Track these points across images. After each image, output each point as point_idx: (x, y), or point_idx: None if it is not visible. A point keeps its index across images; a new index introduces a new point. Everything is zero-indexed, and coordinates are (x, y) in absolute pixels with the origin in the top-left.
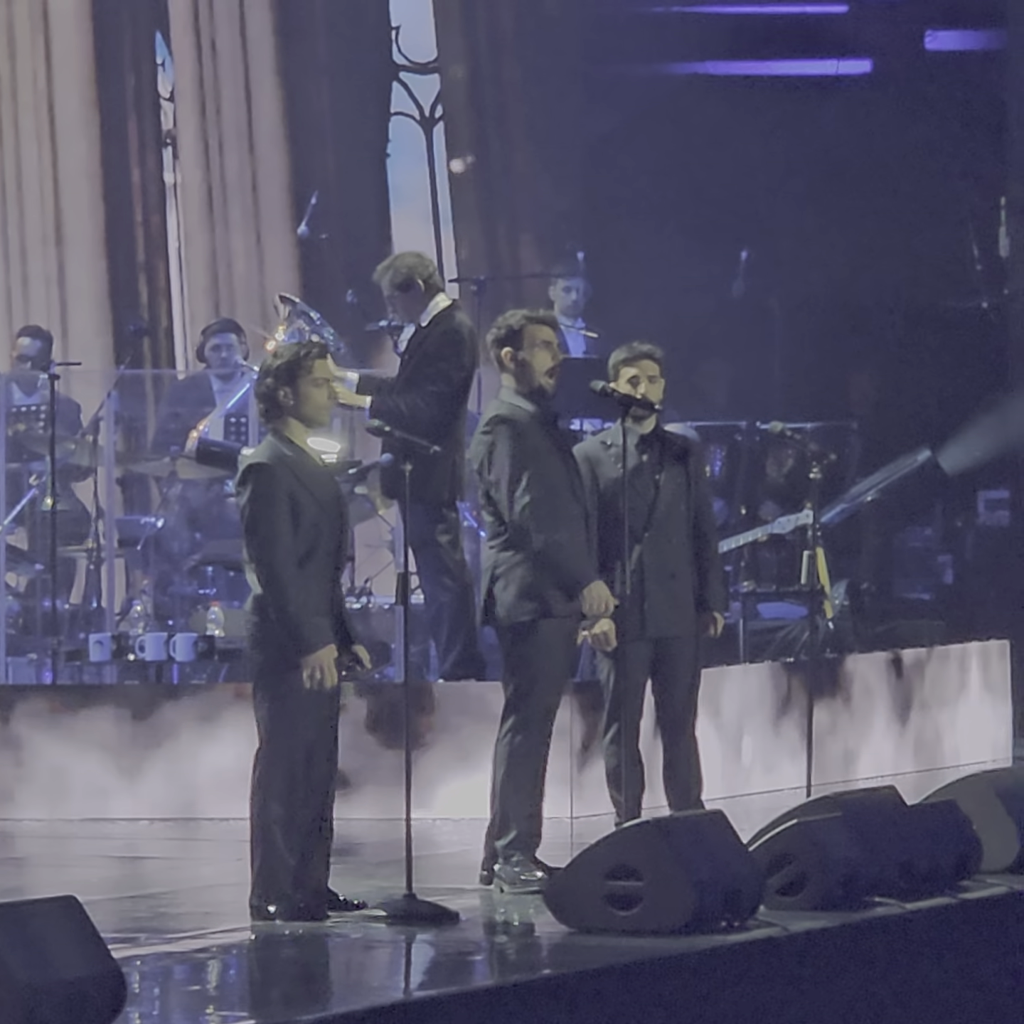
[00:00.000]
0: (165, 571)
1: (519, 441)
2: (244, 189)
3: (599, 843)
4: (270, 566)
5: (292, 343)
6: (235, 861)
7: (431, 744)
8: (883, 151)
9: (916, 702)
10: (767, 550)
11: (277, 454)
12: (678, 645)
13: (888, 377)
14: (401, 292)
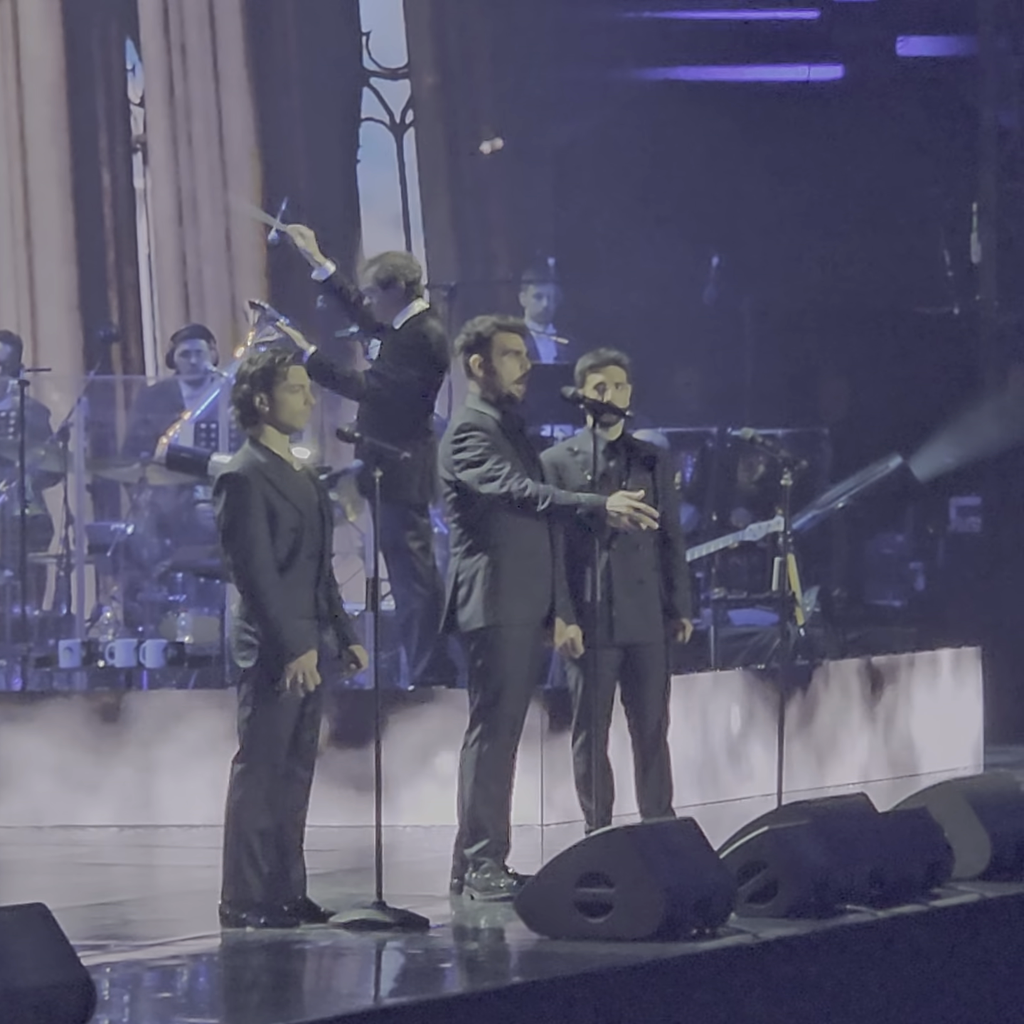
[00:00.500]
0: (135, 577)
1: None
2: (214, 195)
3: (569, 850)
4: (247, 573)
5: (266, 350)
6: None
7: (402, 751)
8: (855, 157)
9: (887, 709)
10: (738, 557)
11: (251, 462)
12: (647, 652)
13: (860, 383)
14: (381, 289)
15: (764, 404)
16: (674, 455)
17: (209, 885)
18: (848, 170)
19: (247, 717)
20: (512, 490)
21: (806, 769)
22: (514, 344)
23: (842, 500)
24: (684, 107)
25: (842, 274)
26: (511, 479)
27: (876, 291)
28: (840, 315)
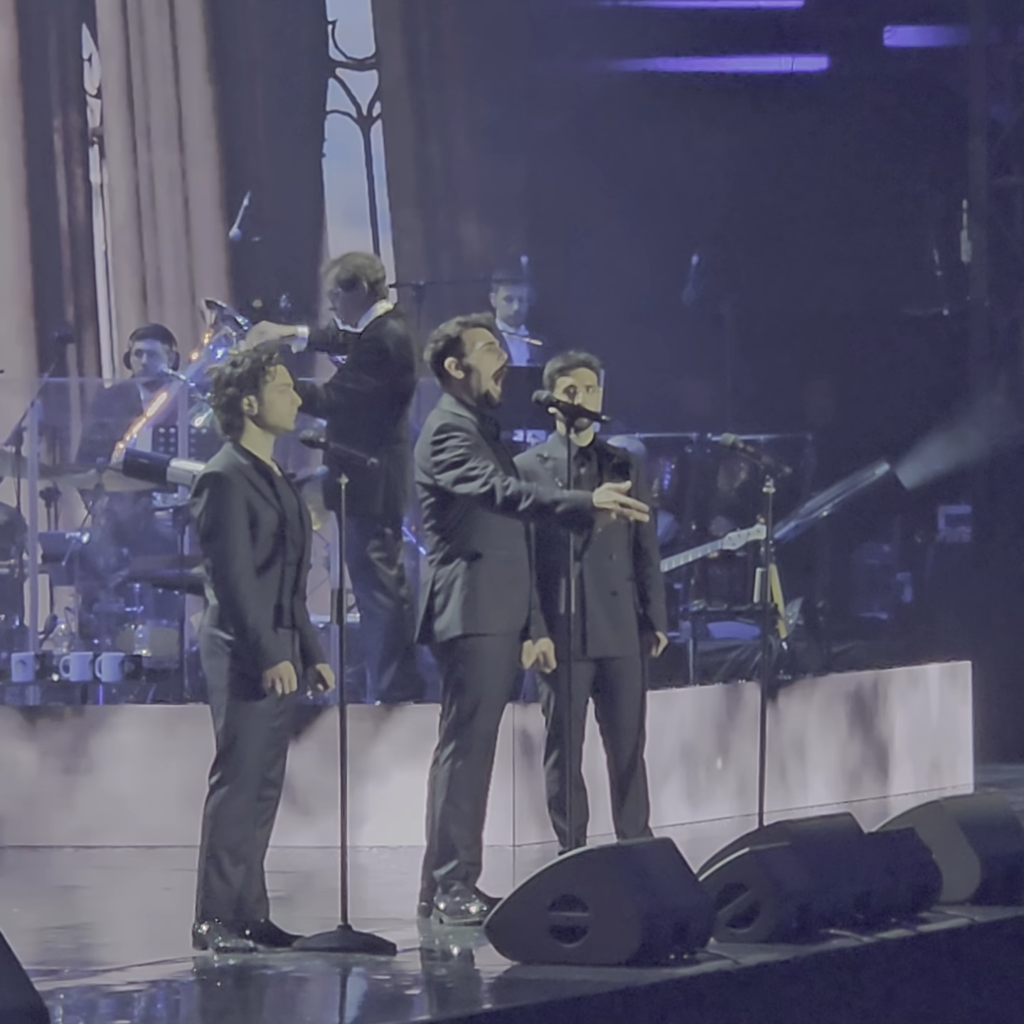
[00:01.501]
0: (91, 588)
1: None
2: (174, 190)
3: (542, 872)
4: (227, 578)
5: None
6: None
7: (368, 768)
8: (840, 152)
9: (874, 726)
10: (718, 567)
11: (234, 463)
12: (622, 665)
13: (845, 387)
14: (344, 290)
15: (746, 408)
16: (652, 461)
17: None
18: (833, 165)
19: (221, 728)
20: (494, 487)
21: (789, 788)
22: (485, 337)
23: (827, 508)
24: (663, 100)
25: (827, 273)
26: (494, 477)
27: (863, 291)
28: (825, 316)
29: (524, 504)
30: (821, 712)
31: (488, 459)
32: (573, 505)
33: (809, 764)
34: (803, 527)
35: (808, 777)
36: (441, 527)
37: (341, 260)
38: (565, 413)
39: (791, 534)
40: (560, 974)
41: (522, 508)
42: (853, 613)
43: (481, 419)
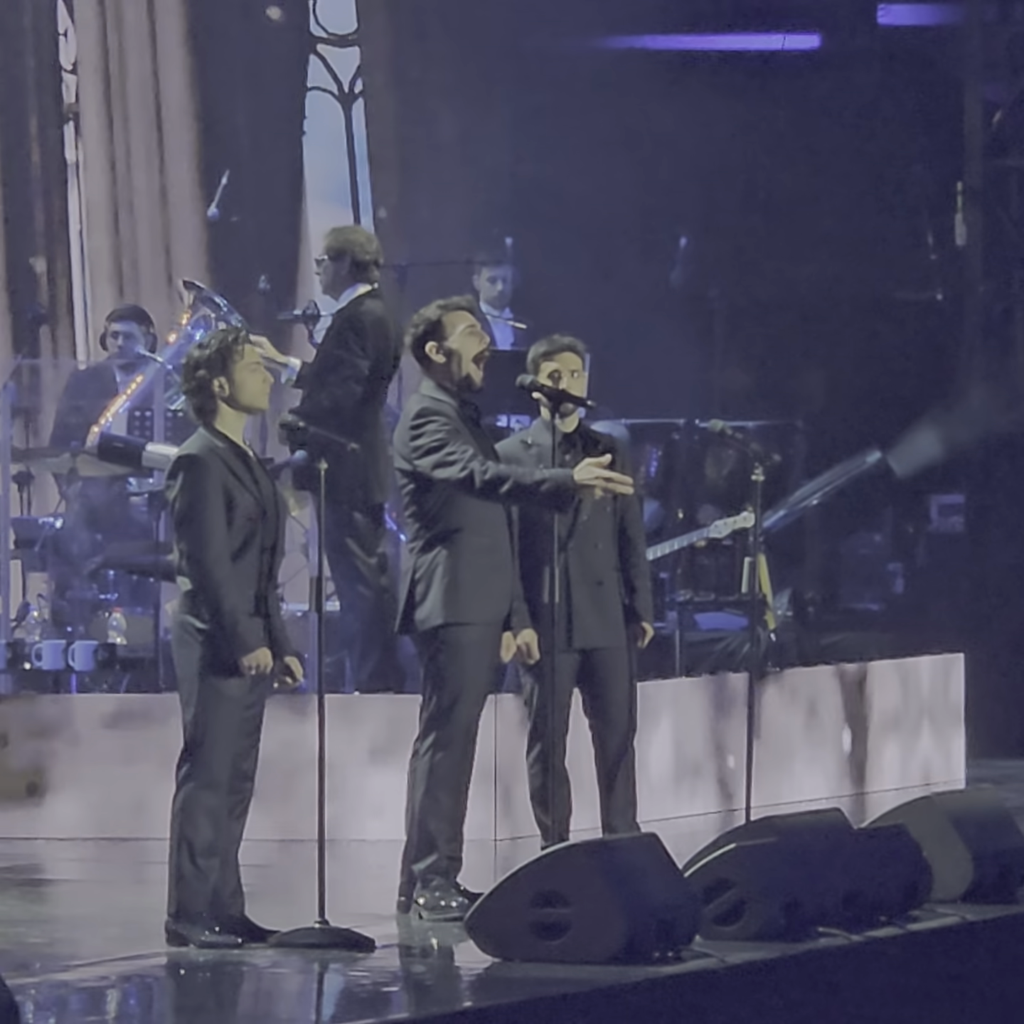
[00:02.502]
0: (64, 574)
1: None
2: (150, 168)
3: (524, 867)
4: (202, 563)
5: (215, 331)
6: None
7: (346, 761)
8: (831, 132)
9: (863, 719)
10: (705, 556)
11: (209, 446)
12: (609, 656)
13: (836, 373)
14: (330, 260)
15: (734, 394)
16: (638, 448)
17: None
18: (824, 146)
19: (191, 719)
20: (474, 471)
21: (776, 782)
22: (466, 321)
23: (816, 497)
24: (651, 78)
25: (818, 257)
26: (473, 461)
27: (854, 275)
28: (816, 300)
29: (505, 487)
30: (810, 705)
31: (468, 444)
32: (555, 484)
33: (797, 758)
34: (792, 516)
35: (796, 771)
36: (421, 514)
37: (339, 230)
38: (549, 398)
39: (780, 523)
40: (542, 972)
41: (503, 491)
42: (843, 604)
43: (461, 404)
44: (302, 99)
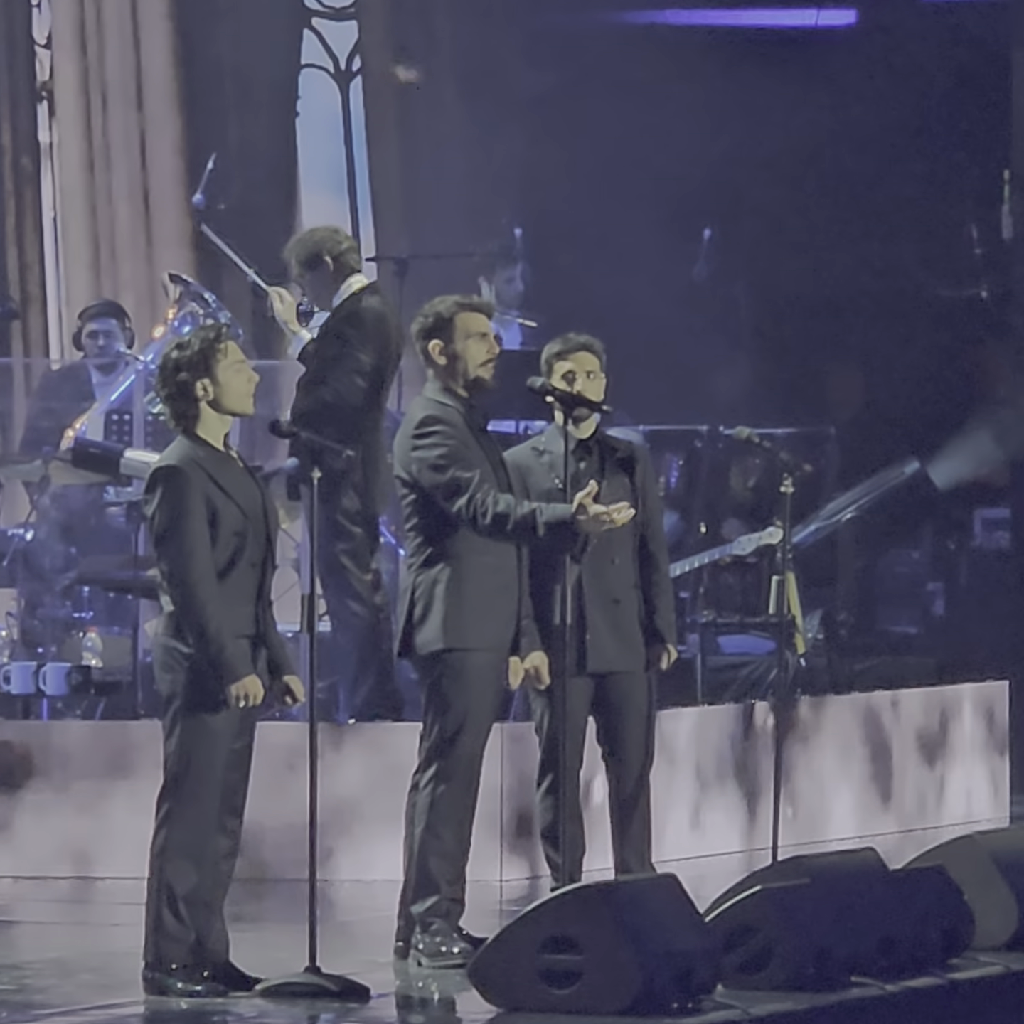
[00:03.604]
0: (35, 591)
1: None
2: (131, 151)
3: (532, 910)
4: (185, 583)
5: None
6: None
7: (339, 794)
8: (868, 115)
9: (900, 752)
10: (730, 574)
11: (190, 455)
12: (626, 682)
13: (871, 376)
14: (307, 271)
15: (761, 399)
16: (658, 456)
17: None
18: (860, 131)
19: (173, 750)
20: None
21: (806, 819)
22: (479, 326)
23: (850, 511)
24: (673, 57)
25: (853, 250)
26: (477, 495)
27: (892, 270)
28: (850, 297)
29: (508, 526)
30: (842, 736)
31: (473, 460)
32: (554, 523)
33: (828, 793)
34: (824, 531)
35: (827, 807)
36: (422, 527)
37: (300, 240)
38: (562, 402)
39: (811, 538)
40: (551, 1023)
41: (507, 530)
42: (878, 627)
43: (468, 409)
44: (295, 77)
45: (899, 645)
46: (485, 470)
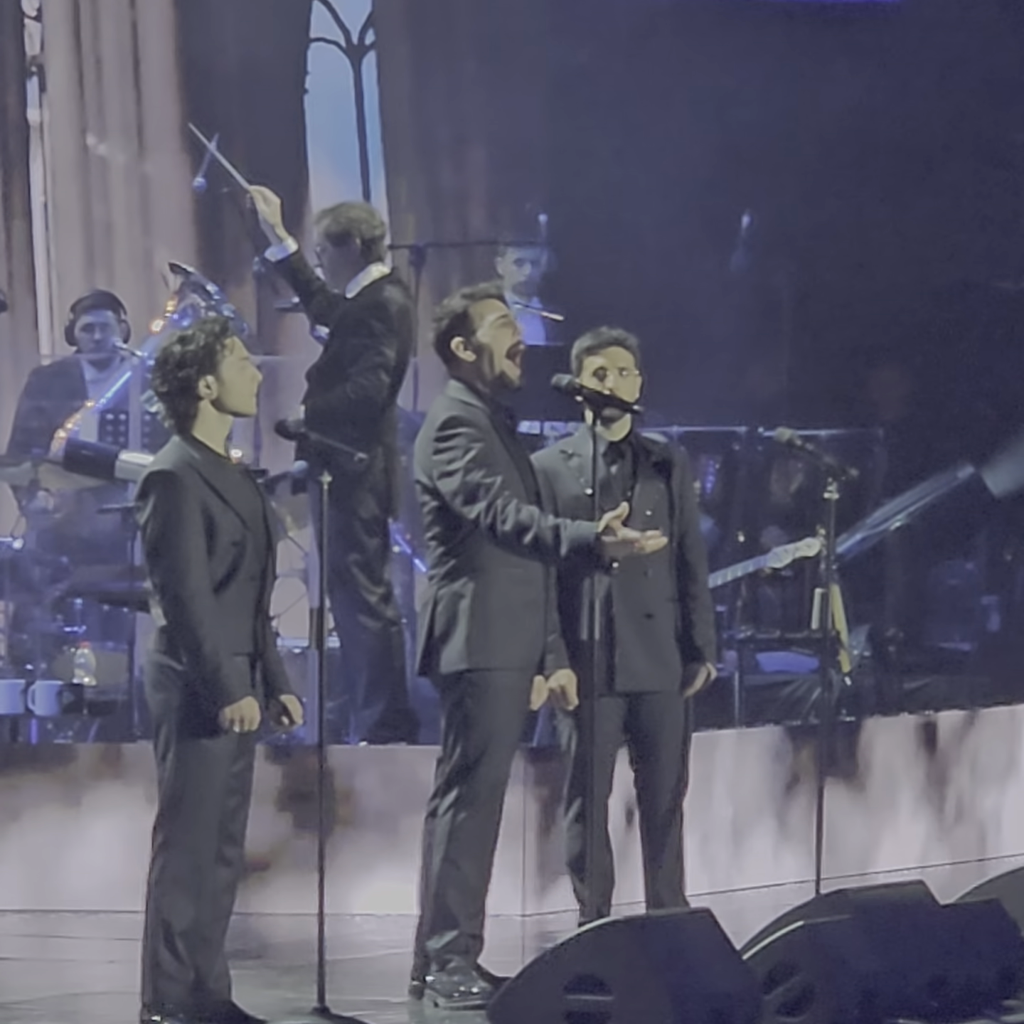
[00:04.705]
0: (23, 603)
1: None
2: (127, 131)
3: (558, 947)
4: (179, 597)
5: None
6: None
7: (351, 823)
8: (919, 93)
9: (952, 778)
10: (770, 587)
11: (186, 459)
12: (659, 702)
13: (923, 374)
14: (333, 246)
15: (804, 398)
16: (693, 460)
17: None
18: (910, 110)
19: (168, 776)
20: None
21: (851, 851)
22: (496, 310)
23: (899, 518)
24: (709, 30)
25: (901, 239)
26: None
27: (943, 260)
28: (899, 290)
29: (526, 538)
30: (891, 760)
31: (499, 465)
32: (575, 545)
33: (875, 822)
34: (871, 540)
35: (874, 837)
36: (445, 536)
37: (333, 211)
38: (592, 402)
39: (856, 548)
40: None
41: (525, 543)
42: (929, 643)
43: (494, 409)
44: (304, 52)
45: (951, 663)
46: (512, 476)
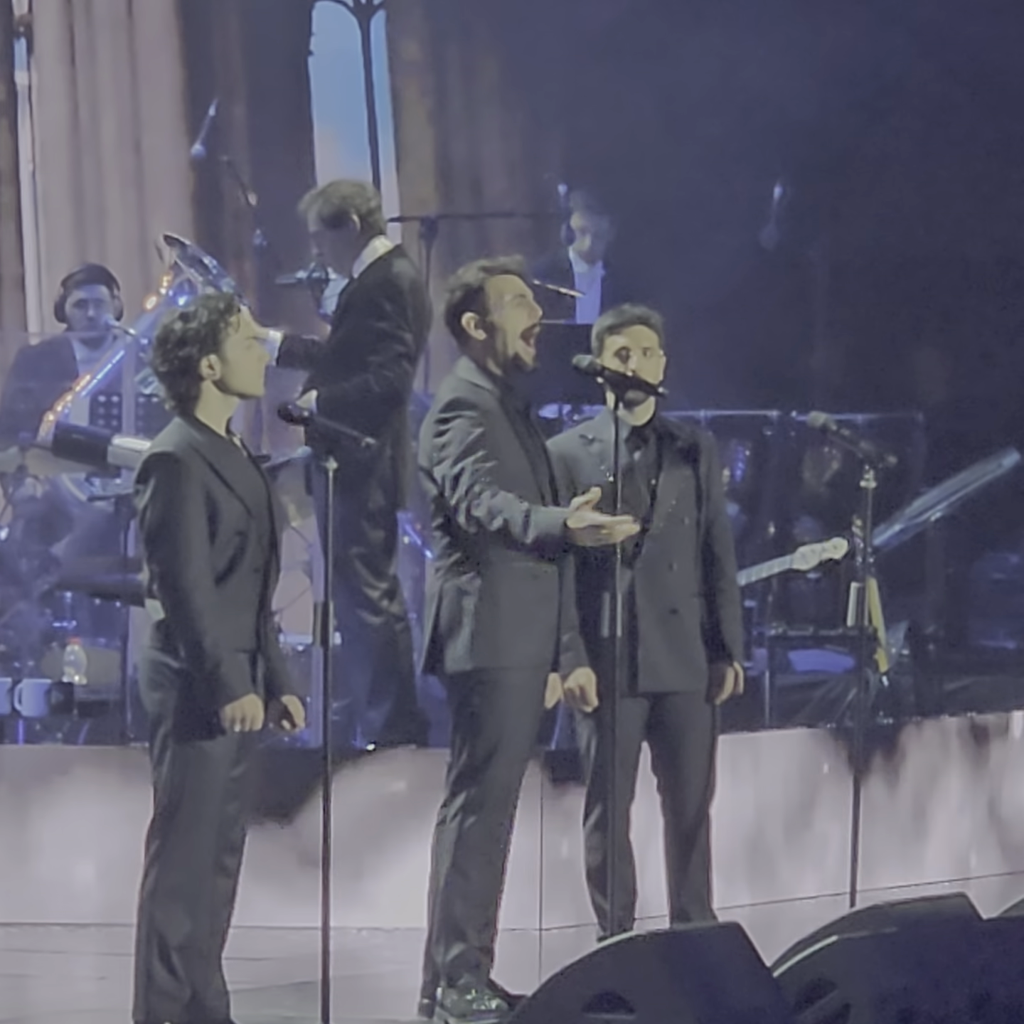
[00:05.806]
0: (9, 597)
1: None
2: (120, 95)
3: (576, 963)
4: (178, 587)
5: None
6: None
7: (358, 830)
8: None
9: (996, 782)
10: (802, 581)
11: (188, 441)
12: (684, 703)
13: (964, 356)
14: (330, 228)
15: (839, 381)
16: (721, 446)
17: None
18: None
19: (164, 780)
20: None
21: (888, 861)
22: (515, 288)
23: (940, 509)
24: None
25: (940, 212)
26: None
27: (985, 234)
28: (939, 267)
29: (494, 524)
30: (931, 765)
31: (500, 451)
32: (542, 532)
33: (915, 830)
34: (910, 532)
35: (913, 846)
36: (452, 527)
37: (322, 192)
38: (614, 384)
39: (895, 540)
40: None
41: (494, 528)
42: (971, 641)
43: (505, 391)
44: (309, 11)
45: (994, 662)
46: (519, 463)
